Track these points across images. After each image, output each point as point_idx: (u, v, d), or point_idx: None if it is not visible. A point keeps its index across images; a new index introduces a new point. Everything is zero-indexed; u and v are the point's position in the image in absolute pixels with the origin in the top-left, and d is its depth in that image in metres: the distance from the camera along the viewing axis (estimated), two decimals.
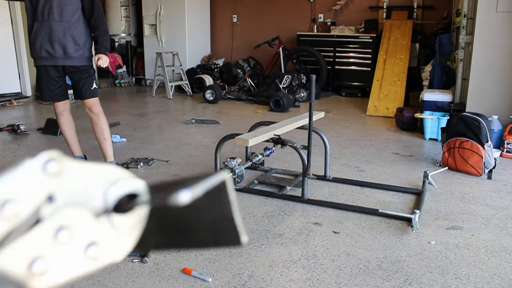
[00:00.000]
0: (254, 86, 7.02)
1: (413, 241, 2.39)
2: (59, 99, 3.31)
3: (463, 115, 3.62)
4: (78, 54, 3.16)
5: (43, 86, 3.24)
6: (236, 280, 2.01)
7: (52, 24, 3.06)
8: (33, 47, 3.14)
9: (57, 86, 3.26)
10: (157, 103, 6.78)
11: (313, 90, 2.83)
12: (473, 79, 4.56)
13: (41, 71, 3.22)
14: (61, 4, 3.04)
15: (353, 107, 6.41)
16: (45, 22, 3.06)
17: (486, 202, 2.95)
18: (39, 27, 3.07)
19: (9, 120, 5.33)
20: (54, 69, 3.20)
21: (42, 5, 3.04)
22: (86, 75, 3.23)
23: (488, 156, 3.43)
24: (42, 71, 3.21)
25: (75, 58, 3.16)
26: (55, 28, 3.06)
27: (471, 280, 2.03)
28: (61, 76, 3.26)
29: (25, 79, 6.92)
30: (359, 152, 4.11)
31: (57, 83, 3.25)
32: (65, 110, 3.36)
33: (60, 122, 3.39)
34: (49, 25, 3.06)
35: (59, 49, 3.10)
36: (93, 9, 3.14)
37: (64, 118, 3.37)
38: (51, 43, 3.08)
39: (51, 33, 3.07)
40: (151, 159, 3.77)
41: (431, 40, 6.99)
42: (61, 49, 3.10)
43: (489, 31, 4.44)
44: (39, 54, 3.13)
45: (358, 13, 7.67)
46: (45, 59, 3.14)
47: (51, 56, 3.12)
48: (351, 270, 2.11)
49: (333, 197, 3.01)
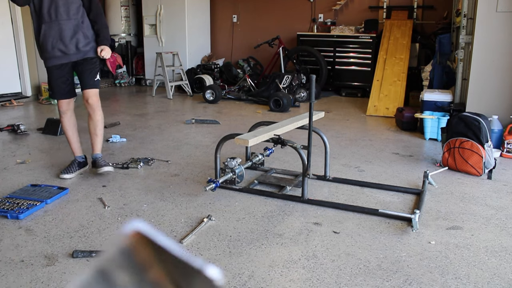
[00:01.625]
0: (254, 86, 7.02)
1: (413, 241, 2.39)
2: (68, 96, 3.37)
3: (463, 115, 3.62)
4: (89, 47, 3.28)
5: (54, 84, 3.30)
6: (236, 280, 2.01)
7: (61, 23, 3.15)
8: (45, 48, 3.20)
9: (68, 83, 3.33)
10: (157, 103, 6.78)
11: (313, 90, 2.83)
12: (473, 79, 4.56)
13: (52, 70, 3.28)
14: (66, 3, 3.14)
15: (353, 107, 6.41)
16: (53, 23, 3.15)
17: (486, 202, 2.95)
18: (48, 28, 3.15)
19: (9, 120, 5.33)
20: (65, 66, 3.27)
21: (48, 6, 3.11)
22: (93, 65, 3.33)
23: (488, 156, 3.43)
24: (53, 70, 3.27)
25: (86, 51, 3.27)
26: (65, 26, 3.16)
27: (471, 280, 2.03)
28: (70, 73, 3.34)
29: (25, 79, 6.92)
30: (359, 152, 4.11)
31: (67, 80, 3.32)
32: (69, 109, 3.40)
33: (63, 121, 3.42)
34: (59, 25, 3.15)
35: (72, 46, 3.20)
36: (91, 4, 3.25)
37: (67, 117, 3.40)
38: (63, 41, 3.17)
39: (62, 32, 3.16)
40: (151, 159, 3.77)
41: (431, 40, 6.99)
42: (74, 46, 3.21)
43: (489, 31, 4.44)
44: (52, 54, 3.20)
45: (358, 13, 7.67)
46: (58, 58, 3.22)
47: (65, 54, 3.21)
48: (351, 270, 2.11)
49: (333, 197, 3.01)
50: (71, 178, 3.34)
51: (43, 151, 4.12)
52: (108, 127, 4.96)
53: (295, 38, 7.77)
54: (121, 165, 3.60)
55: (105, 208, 2.79)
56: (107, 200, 2.91)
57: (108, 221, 2.62)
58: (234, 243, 2.35)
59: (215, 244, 2.34)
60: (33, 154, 4.01)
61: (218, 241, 2.38)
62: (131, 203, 2.88)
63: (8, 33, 6.73)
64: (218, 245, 2.33)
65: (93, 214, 2.70)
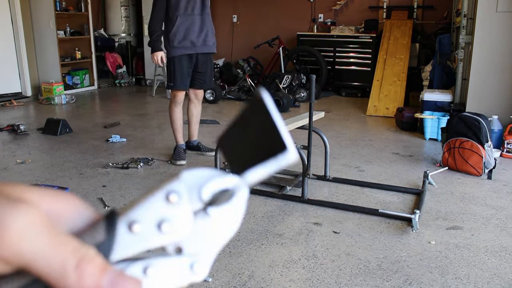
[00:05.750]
0: (254, 86, 7.02)
1: (413, 241, 2.39)
2: (186, 88, 3.64)
3: (463, 115, 3.62)
4: (212, 42, 3.60)
5: (179, 74, 3.56)
6: (236, 280, 2.01)
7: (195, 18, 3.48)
8: (176, 38, 3.49)
9: (189, 75, 3.61)
10: (157, 103, 6.78)
11: (313, 90, 2.83)
12: (473, 79, 4.56)
13: (180, 60, 3.54)
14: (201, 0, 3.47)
15: (353, 107, 6.41)
16: (189, 16, 3.46)
17: (486, 202, 2.96)
18: (184, 20, 3.46)
19: (9, 120, 5.33)
20: (190, 58, 3.55)
21: (186, 1, 3.42)
22: (212, 65, 3.70)
23: (488, 156, 3.43)
24: (180, 60, 3.54)
25: (211, 46, 3.61)
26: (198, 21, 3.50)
27: (471, 280, 2.03)
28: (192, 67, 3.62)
29: (25, 79, 6.92)
30: (359, 152, 4.11)
31: (190, 71, 3.61)
32: (183, 100, 3.69)
33: (176, 111, 3.70)
34: (193, 19, 3.48)
35: (201, 39, 3.51)
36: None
37: (180, 107, 3.71)
38: (197, 33, 3.49)
39: (195, 25, 3.48)
40: (151, 159, 3.77)
41: (431, 40, 6.99)
42: (202, 39, 3.52)
43: (489, 31, 4.44)
44: (182, 44, 3.49)
45: (358, 13, 7.67)
46: (186, 48, 3.51)
47: (194, 45, 3.51)
48: (351, 270, 2.11)
49: (333, 197, 3.01)
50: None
51: (43, 151, 4.12)
52: (108, 127, 4.96)
53: (295, 38, 7.76)
54: (121, 165, 3.60)
55: (105, 208, 2.79)
56: (107, 200, 2.91)
57: None
58: (234, 243, 2.35)
59: None
60: (33, 154, 4.01)
61: None
62: None
63: (8, 33, 6.73)
64: None
65: None
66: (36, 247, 0.25)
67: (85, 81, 7.73)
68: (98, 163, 3.71)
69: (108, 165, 3.61)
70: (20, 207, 0.26)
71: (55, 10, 7.02)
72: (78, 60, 7.59)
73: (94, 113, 6.21)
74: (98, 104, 6.98)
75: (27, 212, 0.26)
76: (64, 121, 4.72)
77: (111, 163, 3.63)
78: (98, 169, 3.56)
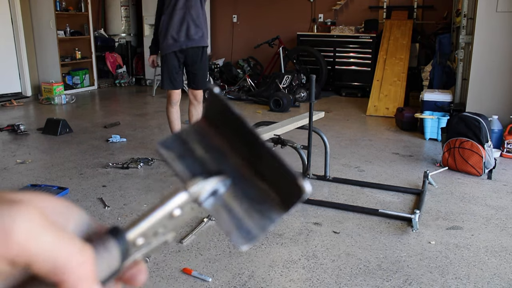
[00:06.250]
0: (254, 86, 7.02)
1: (413, 241, 2.39)
2: (176, 87, 3.56)
3: (463, 115, 3.62)
4: (198, 36, 3.47)
5: (166, 73, 3.53)
6: (236, 280, 2.01)
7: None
8: (161, 36, 3.46)
9: (178, 73, 3.54)
10: (157, 103, 6.78)
11: (313, 90, 2.84)
12: (473, 79, 4.56)
13: (166, 59, 3.50)
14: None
15: (353, 107, 6.41)
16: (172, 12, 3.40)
17: (486, 202, 2.96)
18: (166, 17, 3.40)
19: (9, 120, 5.33)
20: (176, 55, 3.48)
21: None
22: (206, 60, 3.60)
23: (488, 156, 3.43)
24: (166, 59, 3.51)
25: (197, 39, 3.47)
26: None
27: (471, 280, 2.03)
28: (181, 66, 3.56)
29: (25, 79, 6.92)
30: (359, 152, 4.11)
31: (179, 70, 3.55)
32: (179, 101, 3.62)
33: (172, 111, 3.62)
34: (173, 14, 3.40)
35: (183, 33, 3.42)
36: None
37: (177, 108, 3.64)
38: (177, 28, 3.40)
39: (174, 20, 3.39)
40: (151, 159, 3.77)
41: (431, 40, 6.99)
42: (183, 33, 3.42)
43: (489, 31, 4.44)
44: (166, 42, 3.42)
45: (358, 13, 7.66)
46: (169, 46, 3.44)
47: (176, 41, 3.43)
48: (351, 270, 2.11)
49: (333, 197, 3.01)
50: None
51: (43, 151, 4.12)
52: (108, 127, 4.96)
53: (295, 38, 7.76)
54: (121, 165, 3.60)
55: (105, 208, 2.79)
56: (107, 200, 2.91)
57: (108, 221, 2.62)
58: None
59: (215, 244, 2.34)
60: (33, 154, 4.01)
61: (218, 241, 2.38)
62: (131, 203, 2.88)
63: (8, 33, 6.73)
64: (218, 245, 2.33)
65: (93, 214, 2.70)
66: (42, 245, 0.26)
67: (85, 81, 7.73)
68: (98, 163, 3.71)
69: (108, 165, 3.61)
70: (20, 208, 0.26)
71: (55, 10, 7.02)
72: (78, 60, 7.59)
73: (94, 113, 6.20)
74: (98, 104, 6.98)
75: (28, 212, 0.26)
76: (64, 121, 4.71)
77: (111, 163, 3.63)
78: (98, 169, 3.56)
